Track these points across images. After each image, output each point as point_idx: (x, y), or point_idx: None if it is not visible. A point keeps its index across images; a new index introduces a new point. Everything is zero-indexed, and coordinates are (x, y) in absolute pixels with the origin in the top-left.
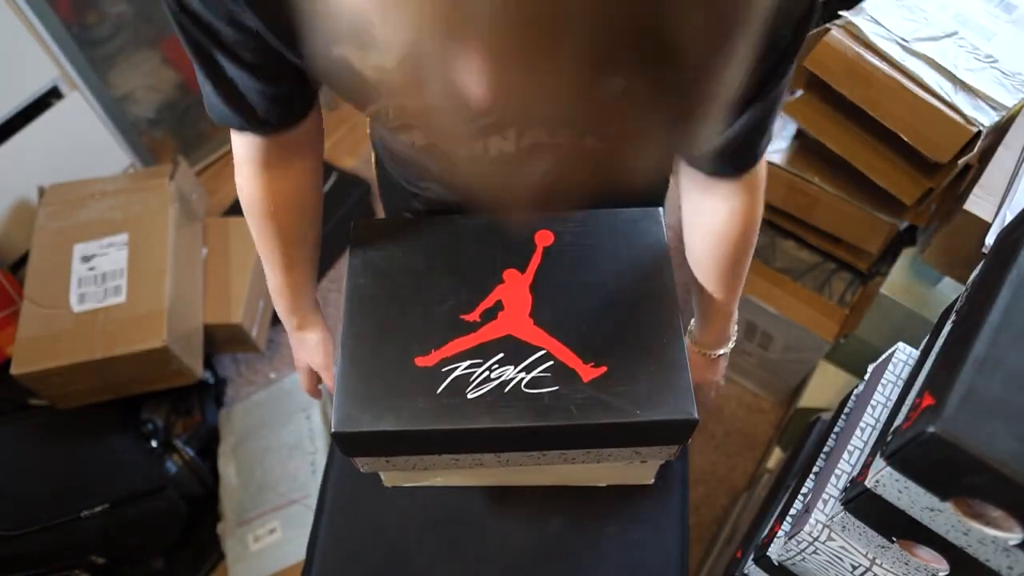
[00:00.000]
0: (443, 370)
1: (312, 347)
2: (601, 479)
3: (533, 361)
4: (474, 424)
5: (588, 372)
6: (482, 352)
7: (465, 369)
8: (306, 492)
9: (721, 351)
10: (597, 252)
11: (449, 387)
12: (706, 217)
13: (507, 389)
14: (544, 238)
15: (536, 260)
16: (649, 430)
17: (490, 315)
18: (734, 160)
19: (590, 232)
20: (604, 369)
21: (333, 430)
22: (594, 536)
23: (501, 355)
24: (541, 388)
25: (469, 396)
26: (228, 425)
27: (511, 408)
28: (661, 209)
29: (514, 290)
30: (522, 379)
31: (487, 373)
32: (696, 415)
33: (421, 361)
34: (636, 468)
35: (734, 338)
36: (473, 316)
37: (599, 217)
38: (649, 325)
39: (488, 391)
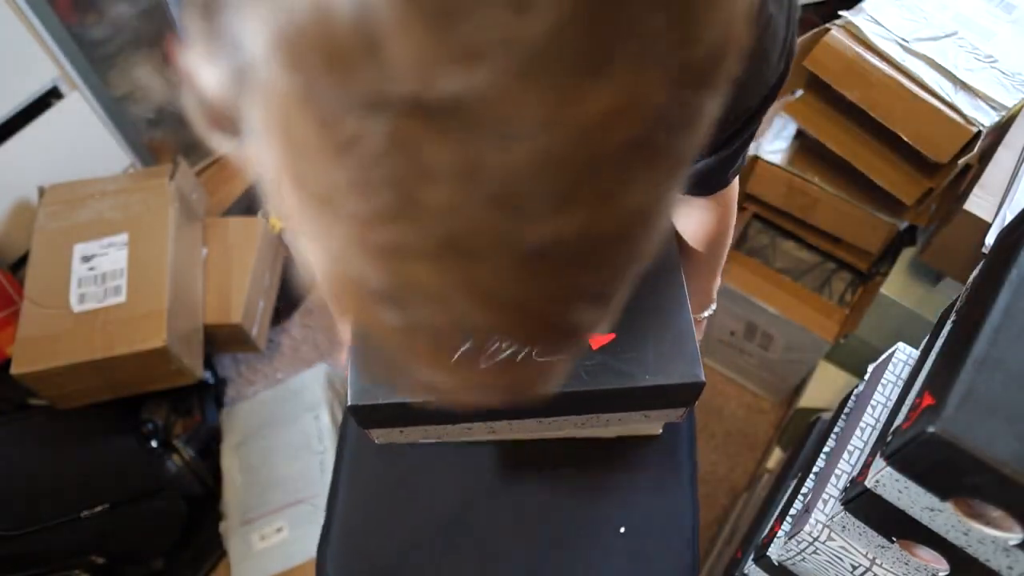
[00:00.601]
0: None
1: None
2: (611, 431)
3: None
4: None
5: (597, 339)
6: None
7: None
8: (314, 492)
9: (703, 315)
10: None
11: (462, 356)
12: (680, 222)
13: (519, 357)
14: None
15: None
16: (658, 394)
17: None
18: (702, 186)
19: None
20: (612, 336)
21: (349, 403)
22: (603, 505)
23: None
24: (551, 356)
25: (481, 366)
26: (232, 423)
27: None
28: None
29: None
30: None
31: (498, 343)
32: (703, 378)
33: None
34: (644, 422)
35: (714, 304)
36: None
37: None
38: (655, 291)
39: (500, 360)
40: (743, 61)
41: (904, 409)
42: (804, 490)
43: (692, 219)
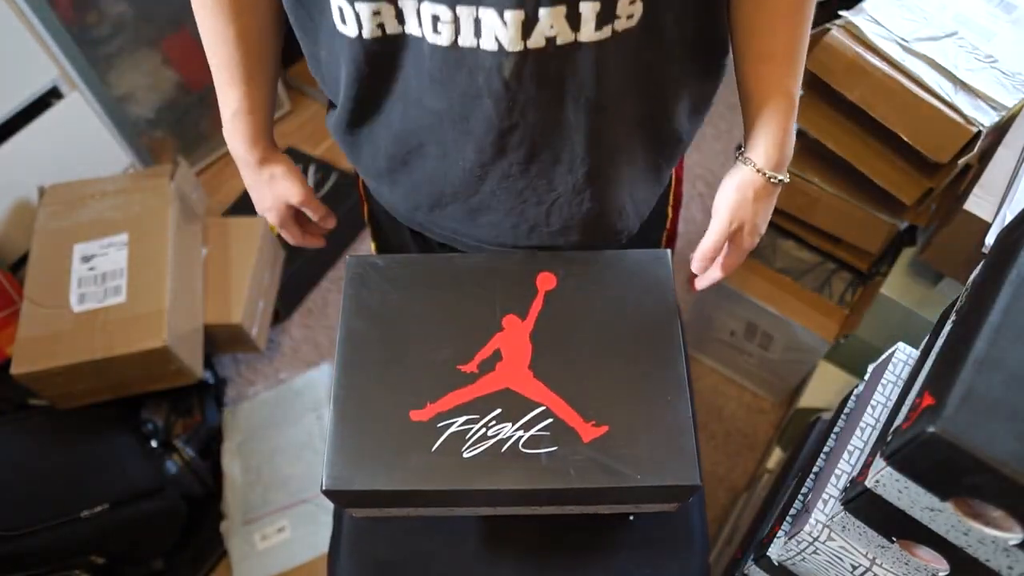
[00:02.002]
0: (439, 425)
1: (283, 179)
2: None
3: (532, 418)
4: (469, 486)
5: (588, 432)
6: (479, 407)
7: (461, 425)
8: (317, 491)
9: (781, 176)
10: (601, 298)
11: (444, 445)
12: None
13: (504, 448)
14: (546, 281)
15: (537, 306)
16: (648, 492)
17: (488, 366)
18: None
19: (593, 275)
20: (605, 429)
21: (323, 488)
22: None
23: (499, 411)
24: (539, 448)
25: (465, 455)
26: (233, 423)
27: (508, 469)
28: (668, 251)
29: (514, 339)
30: (520, 437)
31: (484, 430)
32: (699, 481)
33: (416, 415)
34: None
35: (790, 160)
36: (471, 367)
37: (604, 259)
38: (654, 382)
39: (484, 450)
40: None
41: (904, 409)
42: (804, 490)
43: None
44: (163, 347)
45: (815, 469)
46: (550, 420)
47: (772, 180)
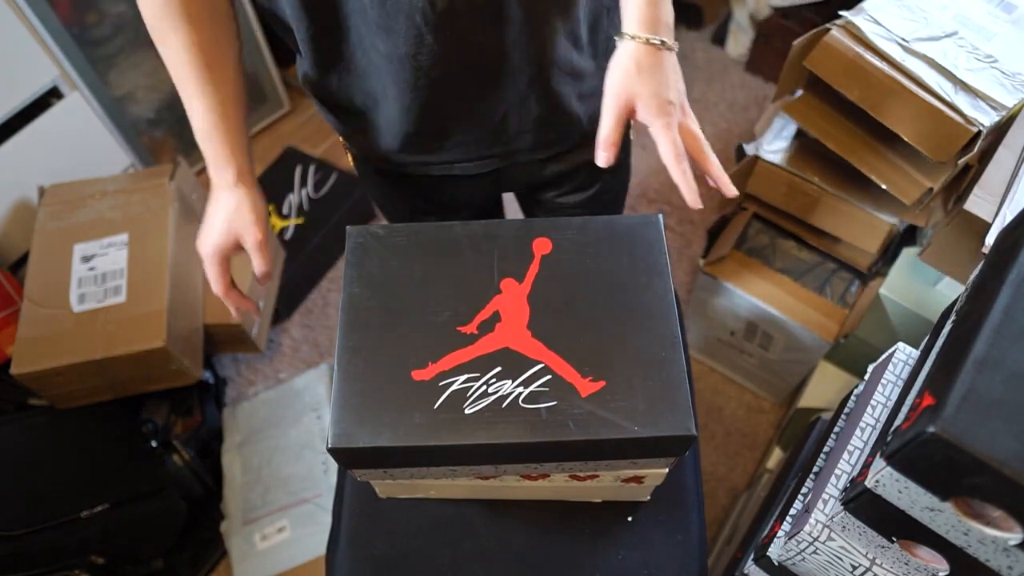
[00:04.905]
0: (440, 384)
1: (248, 213)
2: (597, 496)
3: (531, 375)
4: (471, 440)
5: (586, 387)
6: (479, 365)
7: (462, 383)
8: (317, 491)
9: (661, 38)
10: (596, 260)
11: (446, 402)
12: None
13: (504, 404)
14: (542, 246)
15: (534, 269)
16: (646, 444)
17: (487, 327)
18: None
19: (588, 240)
20: (602, 383)
21: (329, 446)
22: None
23: (499, 369)
24: (539, 403)
25: (466, 411)
26: (233, 423)
27: (508, 424)
28: (661, 216)
29: (512, 301)
30: (520, 393)
31: (484, 387)
32: (695, 431)
33: (418, 375)
34: (632, 488)
35: (672, 28)
36: (470, 328)
37: (598, 224)
38: (648, 337)
39: (485, 406)
40: None
41: (904, 409)
42: (804, 490)
43: None
44: (163, 347)
45: (815, 469)
46: (549, 377)
47: (652, 42)
